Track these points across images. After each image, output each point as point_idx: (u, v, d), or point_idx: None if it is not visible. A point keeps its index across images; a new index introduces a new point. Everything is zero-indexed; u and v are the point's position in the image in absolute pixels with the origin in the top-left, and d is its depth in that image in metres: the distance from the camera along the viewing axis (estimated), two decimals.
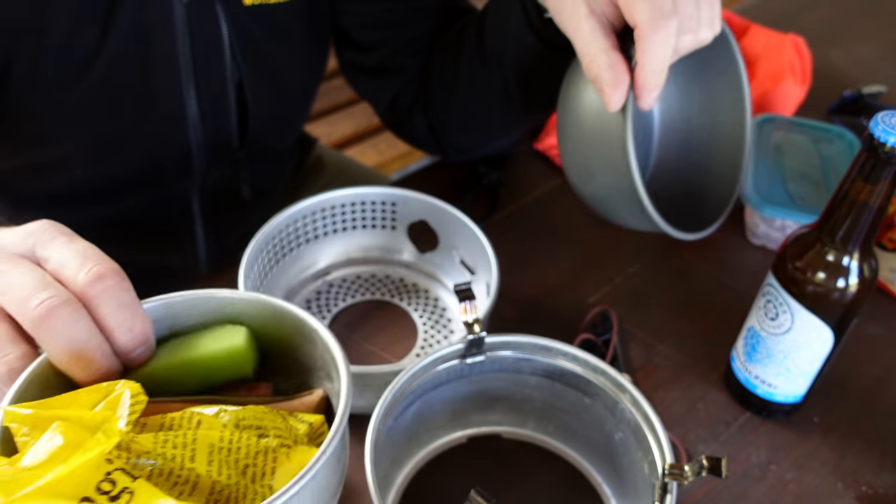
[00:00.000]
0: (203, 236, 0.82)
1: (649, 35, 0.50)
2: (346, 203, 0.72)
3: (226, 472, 0.35)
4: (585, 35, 0.53)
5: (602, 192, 0.59)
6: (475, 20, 0.73)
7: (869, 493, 0.60)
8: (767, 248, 0.81)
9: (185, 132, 0.72)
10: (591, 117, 0.56)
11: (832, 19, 1.23)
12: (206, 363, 0.41)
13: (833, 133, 0.87)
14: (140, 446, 0.34)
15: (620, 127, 0.54)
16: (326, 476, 0.36)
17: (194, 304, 0.42)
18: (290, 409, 0.40)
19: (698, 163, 0.69)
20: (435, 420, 0.59)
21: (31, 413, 0.34)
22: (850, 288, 0.55)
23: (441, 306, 0.72)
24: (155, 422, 0.37)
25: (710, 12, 0.53)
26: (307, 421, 0.39)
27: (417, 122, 0.81)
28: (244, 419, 0.37)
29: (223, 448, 0.36)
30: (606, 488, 0.59)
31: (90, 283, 0.37)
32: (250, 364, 0.41)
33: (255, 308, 0.42)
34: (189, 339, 0.41)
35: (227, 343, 0.41)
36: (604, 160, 0.56)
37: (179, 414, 0.37)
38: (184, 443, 0.35)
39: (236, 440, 0.36)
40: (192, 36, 0.67)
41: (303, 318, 0.41)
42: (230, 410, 0.37)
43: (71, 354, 0.37)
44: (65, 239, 0.39)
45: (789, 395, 0.63)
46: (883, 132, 0.49)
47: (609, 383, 0.54)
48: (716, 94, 0.67)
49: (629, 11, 0.50)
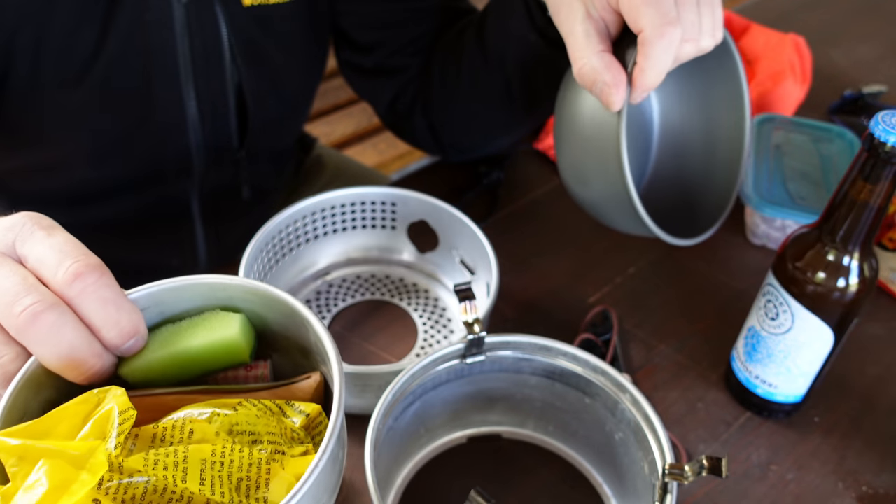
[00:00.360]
0: (203, 236, 0.82)
1: (654, 40, 0.50)
2: (346, 203, 0.72)
3: (219, 490, 0.35)
4: (579, 38, 0.53)
5: (597, 197, 0.59)
6: (476, 20, 0.73)
7: (869, 492, 0.60)
8: (768, 248, 0.81)
9: (185, 133, 0.72)
10: (587, 122, 0.56)
11: (832, 19, 1.23)
12: (203, 354, 0.40)
13: (833, 133, 0.87)
14: (131, 467, 0.34)
15: (615, 131, 0.54)
16: (323, 481, 0.35)
17: (184, 290, 0.40)
18: (289, 395, 0.40)
19: (697, 167, 0.69)
20: (435, 420, 0.59)
21: (19, 445, 0.33)
22: (850, 288, 0.55)
23: (441, 306, 0.72)
24: (147, 433, 0.36)
25: (712, 21, 0.53)
26: (304, 412, 0.39)
27: (417, 122, 0.81)
28: (237, 424, 0.37)
29: (216, 462, 0.35)
30: (606, 488, 0.59)
31: (68, 283, 0.36)
32: (246, 352, 0.41)
33: (246, 293, 0.41)
34: (183, 328, 0.40)
35: (222, 334, 0.40)
36: (598, 165, 0.56)
37: (171, 423, 0.36)
38: (175, 462, 0.34)
39: (229, 452, 0.35)
40: (192, 37, 0.67)
41: (295, 307, 0.40)
42: (224, 415, 0.37)
43: (60, 358, 0.36)
44: (43, 234, 0.38)
45: (790, 395, 0.63)
46: (883, 132, 0.49)
47: (609, 383, 0.54)
48: (715, 99, 0.67)
49: (633, 17, 0.50)
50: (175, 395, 0.39)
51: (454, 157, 0.86)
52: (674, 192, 0.69)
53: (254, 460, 0.36)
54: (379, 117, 0.85)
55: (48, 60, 0.64)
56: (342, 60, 0.83)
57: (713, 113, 0.68)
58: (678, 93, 0.69)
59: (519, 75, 0.68)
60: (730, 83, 0.65)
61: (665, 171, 0.71)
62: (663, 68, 0.51)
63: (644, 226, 0.57)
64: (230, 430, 0.36)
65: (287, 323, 0.41)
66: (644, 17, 0.50)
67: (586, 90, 0.55)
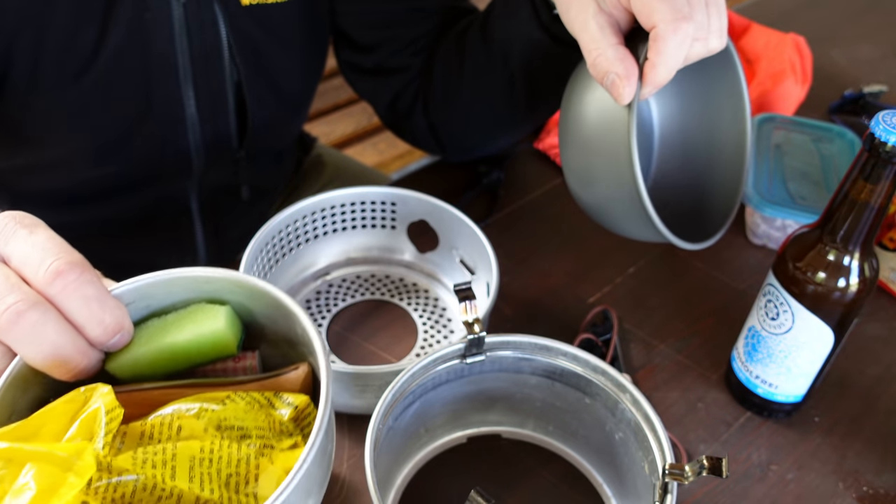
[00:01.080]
0: (202, 236, 0.82)
1: (668, 35, 0.49)
2: (346, 203, 0.72)
3: (208, 487, 0.35)
4: (594, 31, 0.53)
5: (604, 200, 0.58)
6: (480, 18, 0.73)
7: (870, 492, 0.60)
8: (768, 248, 0.81)
9: (184, 132, 0.72)
10: (595, 119, 0.56)
11: (832, 19, 1.23)
12: (190, 348, 0.40)
13: (834, 132, 0.87)
14: (120, 466, 0.34)
15: (625, 126, 0.53)
16: (312, 474, 0.35)
17: (169, 284, 0.41)
18: (277, 387, 0.40)
19: (700, 170, 0.69)
20: (435, 420, 0.59)
21: (7, 448, 0.34)
22: (850, 288, 0.55)
23: (441, 306, 0.72)
24: (134, 431, 0.36)
25: (720, 22, 0.53)
26: (293, 404, 0.39)
27: (418, 122, 0.81)
28: (225, 419, 0.37)
29: (204, 459, 0.35)
30: (607, 488, 0.59)
31: (49, 282, 0.36)
32: (234, 344, 0.41)
33: (231, 285, 0.41)
34: (169, 322, 0.40)
35: (209, 327, 0.40)
36: (607, 164, 0.55)
37: (160, 420, 0.36)
38: (163, 460, 0.35)
39: (217, 448, 0.36)
40: (191, 36, 0.67)
41: (279, 298, 0.40)
42: (211, 410, 0.37)
43: (45, 357, 0.36)
44: (25, 232, 0.38)
45: (790, 395, 0.63)
46: (884, 132, 0.49)
47: (609, 383, 0.54)
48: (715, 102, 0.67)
49: (646, 13, 0.50)
50: (163, 390, 0.39)
51: (454, 157, 0.86)
52: (677, 196, 0.69)
53: (242, 456, 0.36)
54: (379, 117, 0.85)
55: (48, 61, 0.64)
56: (342, 60, 0.83)
57: (714, 116, 0.67)
58: (678, 96, 0.69)
59: (523, 73, 0.68)
60: (730, 85, 0.65)
61: (667, 176, 0.71)
62: (675, 64, 0.51)
63: (653, 227, 0.56)
64: (218, 426, 0.37)
65: (274, 314, 0.41)
66: (657, 12, 0.50)
67: (595, 87, 0.55)
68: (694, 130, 0.69)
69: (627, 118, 0.53)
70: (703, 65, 0.58)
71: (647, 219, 0.55)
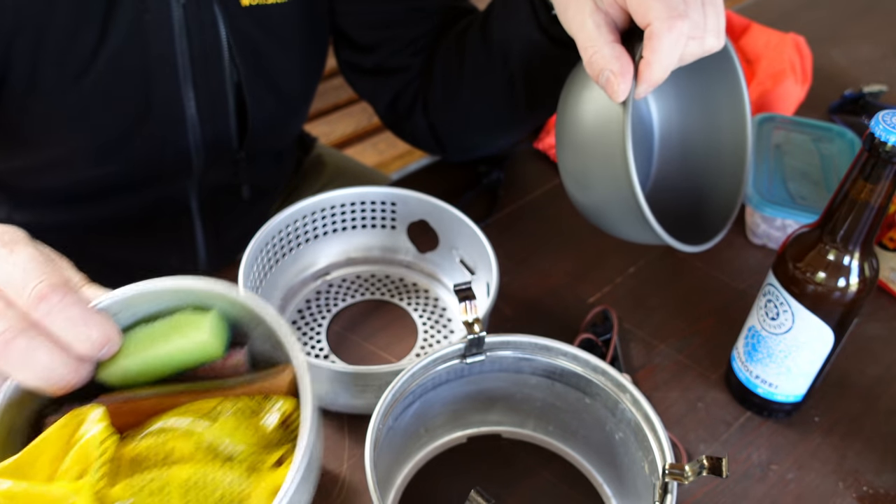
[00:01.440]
0: (202, 236, 0.82)
1: (663, 33, 0.50)
2: (345, 203, 0.72)
3: None
4: (590, 30, 0.53)
5: (601, 202, 0.58)
6: (480, 18, 0.73)
7: (870, 492, 0.60)
8: (768, 248, 0.81)
9: (184, 133, 0.72)
10: (591, 120, 0.56)
11: (832, 19, 1.23)
12: (176, 357, 0.42)
13: (834, 132, 0.87)
14: (116, 496, 0.36)
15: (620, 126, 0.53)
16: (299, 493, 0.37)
17: (152, 295, 0.42)
18: (264, 391, 0.41)
19: (700, 173, 0.69)
20: (435, 420, 0.59)
21: (7, 489, 0.35)
22: (850, 287, 0.55)
23: (441, 306, 0.72)
24: (127, 455, 0.38)
25: (717, 22, 0.53)
26: (280, 409, 0.40)
27: (418, 122, 0.81)
28: (215, 439, 0.38)
29: (197, 482, 0.37)
30: (607, 488, 0.59)
31: (34, 307, 0.37)
32: (220, 350, 0.42)
33: (209, 297, 0.42)
34: (156, 331, 0.42)
35: (194, 339, 0.41)
36: (602, 165, 0.55)
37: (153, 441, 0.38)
38: (159, 486, 0.36)
39: (209, 471, 0.37)
40: (190, 36, 0.67)
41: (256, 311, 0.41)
42: (200, 429, 0.38)
43: (37, 379, 0.37)
44: (5, 252, 0.38)
45: (790, 395, 0.63)
46: (884, 131, 0.49)
47: (609, 383, 0.54)
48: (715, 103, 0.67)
49: (642, 11, 0.50)
50: (153, 399, 0.41)
51: (454, 157, 0.86)
52: (678, 197, 0.69)
53: (233, 477, 0.37)
54: (379, 117, 0.85)
55: (48, 61, 0.64)
56: (342, 60, 0.83)
57: (714, 117, 0.67)
58: (678, 97, 0.69)
59: (522, 74, 0.68)
60: (729, 86, 0.65)
61: (668, 178, 0.70)
62: (670, 63, 0.51)
63: (650, 229, 0.56)
64: (208, 446, 0.38)
65: (258, 320, 0.42)
66: (652, 10, 0.50)
67: (591, 87, 0.55)
68: (694, 131, 0.69)
69: (623, 117, 0.53)
70: (702, 65, 0.57)
71: (644, 221, 0.55)
